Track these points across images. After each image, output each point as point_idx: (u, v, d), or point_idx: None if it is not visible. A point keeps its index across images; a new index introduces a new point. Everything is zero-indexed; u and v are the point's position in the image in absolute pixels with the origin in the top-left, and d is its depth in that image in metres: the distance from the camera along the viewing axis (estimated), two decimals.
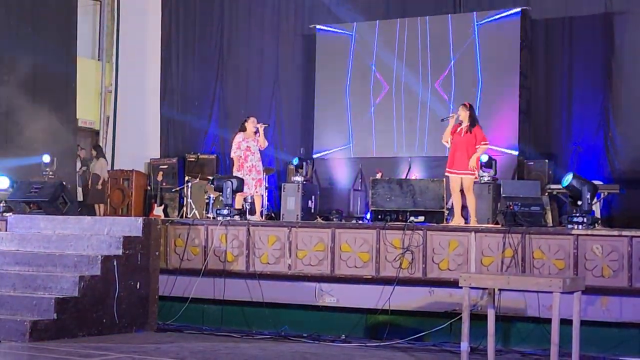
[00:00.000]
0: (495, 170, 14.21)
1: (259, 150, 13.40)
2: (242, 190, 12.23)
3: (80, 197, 17.56)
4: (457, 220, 11.82)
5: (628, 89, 15.24)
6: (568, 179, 10.04)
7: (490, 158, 13.99)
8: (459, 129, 11.94)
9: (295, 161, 15.81)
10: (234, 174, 12.82)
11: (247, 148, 13.10)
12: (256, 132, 13.29)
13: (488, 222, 12.59)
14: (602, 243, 9.25)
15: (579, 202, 9.88)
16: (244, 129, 13.31)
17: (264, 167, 15.31)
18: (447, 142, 12.16)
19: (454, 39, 16.40)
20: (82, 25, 18.85)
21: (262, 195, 13.79)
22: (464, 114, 11.93)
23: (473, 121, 11.89)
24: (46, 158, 15.79)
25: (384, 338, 9.87)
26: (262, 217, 13.70)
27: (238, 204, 12.66)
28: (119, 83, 19.87)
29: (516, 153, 15.55)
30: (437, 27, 16.67)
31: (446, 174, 12.03)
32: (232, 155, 13.32)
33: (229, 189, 11.44)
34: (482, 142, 11.87)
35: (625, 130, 15.20)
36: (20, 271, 10.03)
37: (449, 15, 16.69)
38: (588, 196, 9.81)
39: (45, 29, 17.31)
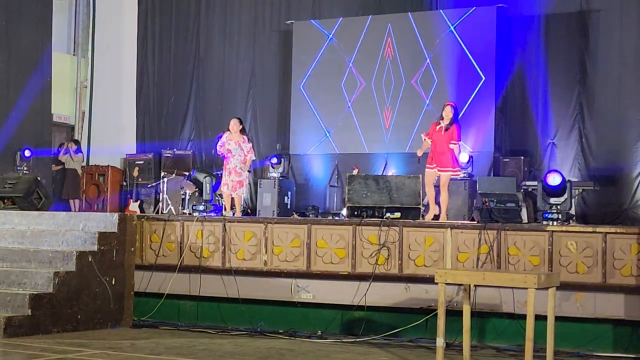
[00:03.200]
0: (472, 167, 14.29)
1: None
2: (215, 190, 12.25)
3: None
4: (433, 211, 11.87)
5: (602, 87, 15.30)
6: (557, 178, 10.10)
7: (467, 155, 14.11)
8: (438, 127, 12.02)
9: (274, 160, 15.80)
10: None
11: (229, 150, 13.04)
12: (242, 131, 13.19)
13: (464, 219, 12.64)
14: (577, 239, 9.31)
15: (552, 200, 9.95)
16: (228, 129, 13.26)
17: None
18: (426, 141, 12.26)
19: (430, 35, 16.40)
20: (57, 20, 18.73)
21: (242, 197, 13.64)
22: (450, 114, 12.00)
23: (451, 121, 11.99)
24: (27, 153, 15.68)
25: (360, 334, 9.89)
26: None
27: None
28: (95, 78, 19.76)
29: (492, 150, 15.59)
30: (413, 24, 16.69)
31: (426, 169, 12.08)
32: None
33: (208, 186, 11.46)
34: (451, 142, 11.95)
35: (599, 127, 15.25)
36: None
37: (425, 12, 16.71)
38: (571, 193, 9.90)
39: (20, 23, 17.18)
